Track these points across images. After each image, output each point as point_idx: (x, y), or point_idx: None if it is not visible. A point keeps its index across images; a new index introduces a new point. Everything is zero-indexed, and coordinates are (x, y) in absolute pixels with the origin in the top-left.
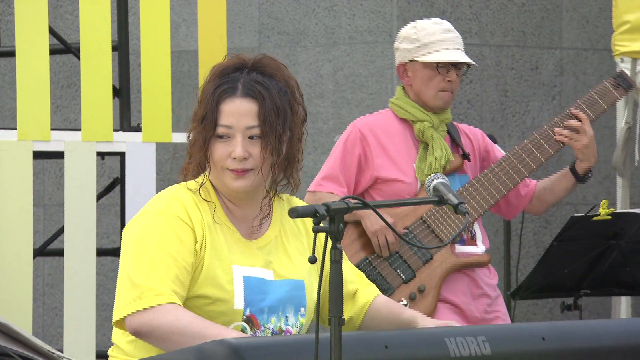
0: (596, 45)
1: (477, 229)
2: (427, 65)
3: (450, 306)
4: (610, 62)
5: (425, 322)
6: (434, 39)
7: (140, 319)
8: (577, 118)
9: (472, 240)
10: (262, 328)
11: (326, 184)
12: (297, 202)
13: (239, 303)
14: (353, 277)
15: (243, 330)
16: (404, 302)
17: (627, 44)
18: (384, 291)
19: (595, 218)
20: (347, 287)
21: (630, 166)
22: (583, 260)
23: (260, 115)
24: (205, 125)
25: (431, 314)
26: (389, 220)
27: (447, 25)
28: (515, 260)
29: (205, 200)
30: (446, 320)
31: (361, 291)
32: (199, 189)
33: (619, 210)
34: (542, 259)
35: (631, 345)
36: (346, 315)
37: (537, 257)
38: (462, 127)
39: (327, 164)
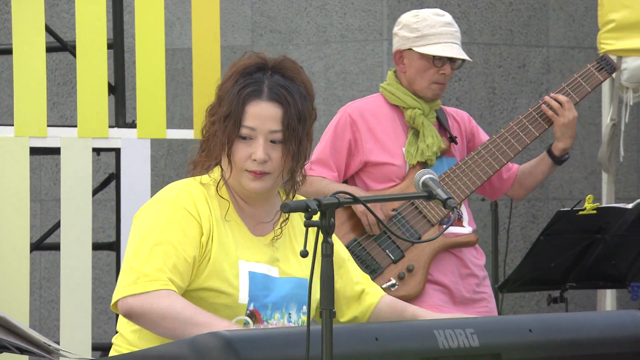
0: (582, 43)
1: (464, 211)
2: (423, 56)
3: (439, 287)
4: (597, 57)
5: (429, 317)
6: (434, 31)
7: (133, 301)
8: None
9: (459, 221)
10: (265, 324)
11: (317, 168)
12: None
13: (243, 297)
14: (359, 278)
15: (246, 324)
16: (393, 281)
17: (612, 42)
18: (374, 271)
19: (581, 213)
20: (354, 288)
21: (615, 162)
22: (569, 254)
23: (284, 121)
24: (229, 124)
25: (420, 292)
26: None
27: (447, 17)
28: (503, 254)
29: (221, 196)
30: (434, 301)
31: (367, 291)
32: (217, 186)
33: (604, 205)
34: (529, 253)
35: (616, 337)
36: (351, 315)
37: (524, 251)
38: (449, 110)
39: (317, 148)
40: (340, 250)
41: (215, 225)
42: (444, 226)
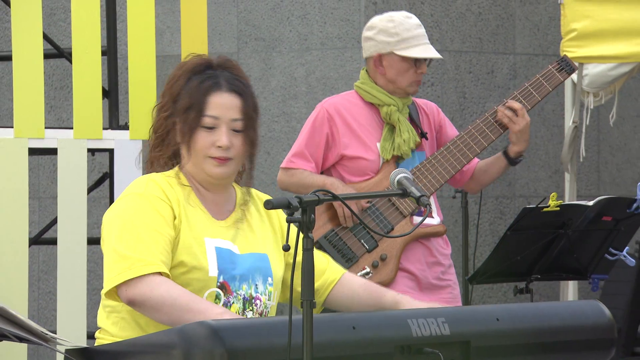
0: (546, 51)
1: (433, 202)
2: (405, 58)
3: (407, 274)
4: (558, 58)
5: (410, 304)
6: (411, 35)
7: (134, 289)
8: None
9: (429, 213)
10: (235, 294)
11: (297, 161)
12: (256, 191)
13: (213, 271)
14: (320, 257)
15: (217, 296)
16: (367, 270)
17: (575, 50)
18: (349, 260)
19: (545, 209)
20: (317, 267)
21: (576, 162)
22: (534, 248)
23: (244, 110)
24: (190, 115)
25: (392, 280)
26: (354, 208)
27: (415, 19)
28: (472, 248)
29: (182, 184)
30: (402, 287)
31: (329, 268)
32: (177, 173)
33: (566, 202)
34: (496, 247)
35: (577, 325)
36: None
37: (492, 245)
38: (420, 102)
39: (297, 142)
40: None
41: (182, 208)
42: (418, 221)
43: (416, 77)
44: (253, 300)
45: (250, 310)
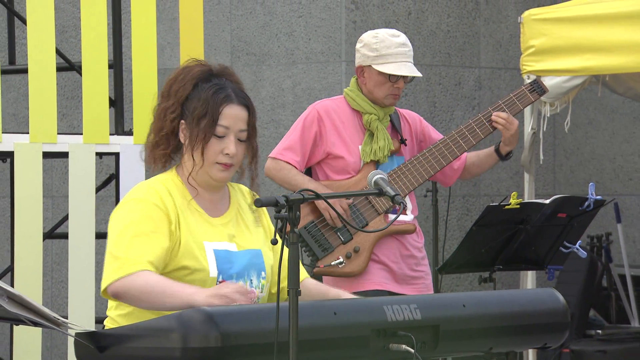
0: (508, 65)
1: (408, 202)
2: (381, 73)
3: (383, 266)
4: (519, 79)
5: (348, 297)
6: (390, 52)
7: (117, 283)
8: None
9: (404, 211)
10: None
11: (286, 153)
12: (243, 187)
13: (213, 272)
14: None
15: None
16: (341, 259)
17: (533, 64)
18: (325, 249)
19: (507, 207)
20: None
21: (535, 164)
22: (497, 241)
23: (249, 122)
24: (204, 123)
25: (363, 270)
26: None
27: (402, 38)
28: (442, 242)
29: (180, 188)
30: (378, 278)
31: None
32: (174, 176)
33: (526, 200)
34: (463, 241)
35: (535, 310)
36: (283, 284)
37: (459, 239)
38: (403, 111)
39: (288, 136)
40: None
41: (181, 213)
42: (391, 218)
43: (392, 91)
44: (248, 294)
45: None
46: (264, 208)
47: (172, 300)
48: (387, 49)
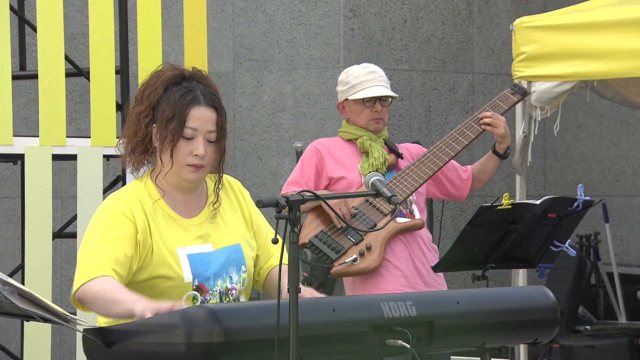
0: (500, 70)
1: (415, 208)
2: (356, 101)
3: (399, 272)
4: (511, 84)
5: (312, 294)
6: (360, 80)
7: (80, 290)
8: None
9: (411, 215)
10: (210, 292)
11: (291, 187)
12: (228, 178)
13: (187, 277)
14: (272, 248)
15: (194, 298)
16: (355, 256)
17: (524, 70)
18: (338, 252)
19: (499, 207)
20: (270, 250)
21: (526, 167)
22: (489, 240)
23: (218, 123)
24: (172, 125)
25: (378, 265)
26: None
27: (372, 67)
28: (437, 241)
29: (151, 195)
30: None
31: (276, 255)
32: (145, 183)
33: (517, 201)
34: (457, 240)
35: (526, 307)
36: (257, 268)
37: (454, 238)
38: (402, 145)
39: (292, 173)
40: (261, 222)
41: (152, 221)
42: (399, 221)
43: (372, 116)
44: (229, 292)
45: (227, 300)
46: (246, 197)
47: (118, 307)
48: (357, 79)
